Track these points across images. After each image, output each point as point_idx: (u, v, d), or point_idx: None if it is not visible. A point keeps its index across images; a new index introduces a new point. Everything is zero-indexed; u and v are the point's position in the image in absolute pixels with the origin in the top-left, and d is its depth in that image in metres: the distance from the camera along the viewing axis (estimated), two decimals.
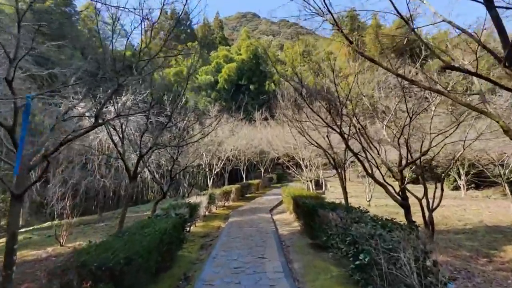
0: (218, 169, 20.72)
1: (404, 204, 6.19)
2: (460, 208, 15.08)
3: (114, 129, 7.99)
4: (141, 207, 22.65)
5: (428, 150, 6.25)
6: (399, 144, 6.52)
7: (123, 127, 7.85)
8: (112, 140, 7.49)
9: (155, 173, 13.60)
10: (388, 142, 7.85)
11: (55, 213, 18.58)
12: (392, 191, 6.23)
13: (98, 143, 13.79)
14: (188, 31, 55.00)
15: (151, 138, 13.79)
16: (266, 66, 46.32)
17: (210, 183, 20.29)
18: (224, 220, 14.12)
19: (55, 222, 12.47)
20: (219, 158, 20.98)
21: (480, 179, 22.45)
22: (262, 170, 33.08)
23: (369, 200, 16.95)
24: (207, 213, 15.13)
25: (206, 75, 39.08)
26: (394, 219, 5.59)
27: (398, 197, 6.21)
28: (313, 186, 19.09)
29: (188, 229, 10.48)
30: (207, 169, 19.96)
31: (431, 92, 7.26)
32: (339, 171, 9.69)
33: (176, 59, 38.80)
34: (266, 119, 23.07)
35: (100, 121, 5.54)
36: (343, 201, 9.98)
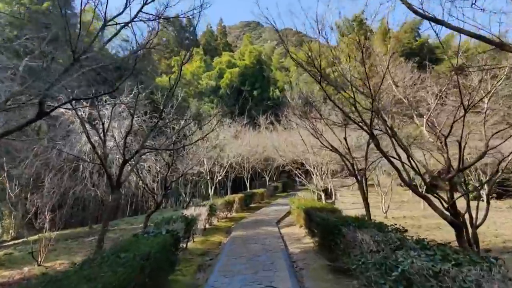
0: (220, 177, 19.36)
1: (455, 222, 4.79)
2: (490, 221, 13.50)
3: (94, 127, 6.74)
4: (139, 218, 21.28)
5: (485, 152, 4.88)
6: (446, 145, 5.17)
7: (106, 125, 6.61)
8: (90, 141, 6.24)
9: (147, 181, 12.35)
10: (431, 142, 6.46)
11: (45, 225, 17.38)
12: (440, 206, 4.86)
13: (90, 149, 12.58)
14: (191, 37, 54.64)
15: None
16: (270, 71, 45.40)
17: (211, 192, 18.90)
18: (226, 234, 12.70)
19: (35, 237, 11.16)
20: (221, 165, 19.65)
21: (503, 188, 20.77)
22: (267, 179, 31.65)
23: (386, 212, 15.41)
24: (207, 226, 13.74)
25: (209, 80, 38.14)
26: (449, 243, 4.20)
27: (447, 213, 4.83)
28: (324, 196, 17.62)
29: (184, 245, 9.12)
30: (208, 177, 18.63)
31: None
32: (359, 179, 8.31)
33: (178, 64, 38.07)
34: (272, 123, 21.77)
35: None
36: (358, 213, 8.62)
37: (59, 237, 12.33)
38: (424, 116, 6.56)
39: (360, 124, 5.69)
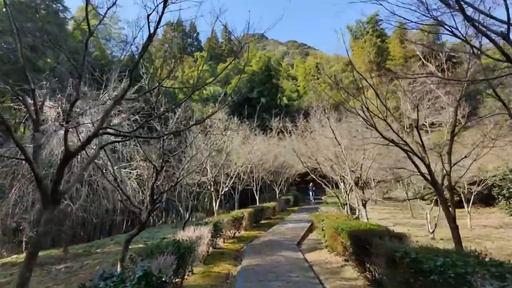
0: (227, 189, 16.50)
1: None
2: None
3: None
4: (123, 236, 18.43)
5: None
6: None
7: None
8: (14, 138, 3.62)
9: (134, 193, 9.68)
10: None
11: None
12: None
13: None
14: (195, 43, 53.09)
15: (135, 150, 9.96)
16: (279, 78, 43.14)
17: (216, 206, 15.98)
18: (234, 261, 9.79)
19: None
20: (227, 174, 16.85)
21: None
22: (277, 191, 28.66)
23: (433, 232, 12.35)
24: (210, 249, 10.87)
25: (215, 86, 35.88)
26: None
27: None
28: (349, 211, 14.61)
29: (177, 280, 6.30)
30: (212, 189, 15.79)
31: None
32: (441, 189, 5.51)
33: (183, 69, 36.03)
34: (285, 129, 19.03)
35: None
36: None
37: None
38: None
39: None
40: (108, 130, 4.25)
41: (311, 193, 34.25)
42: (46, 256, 11.72)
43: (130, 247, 13.29)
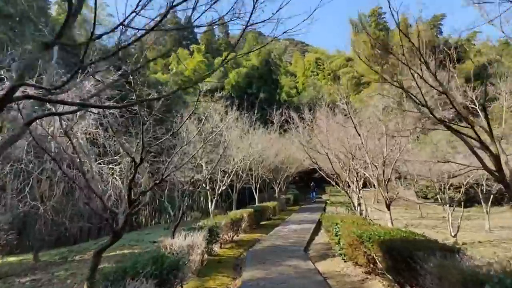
0: (224, 187, 14.94)
1: None
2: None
3: None
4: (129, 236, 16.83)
5: None
6: None
7: None
8: None
9: (110, 190, 8.16)
10: None
11: None
12: None
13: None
14: (191, 36, 51.13)
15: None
16: (279, 73, 41.56)
17: (211, 206, 14.41)
18: (234, 273, 8.32)
19: None
20: (224, 172, 15.30)
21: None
22: (277, 190, 27.19)
23: (455, 235, 10.97)
24: (206, 256, 9.40)
25: (212, 79, 34.19)
26: None
27: None
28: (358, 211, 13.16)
29: None
30: (207, 187, 14.22)
31: None
32: None
33: (178, 61, 34.32)
34: (291, 119, 17.51)
35: None
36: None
37: None
38: None
39: None
40: (33, 94, 2.66)
41: (313, 193, 32.74)
42: (16, 263, 10.15)
43: (112, 253, 11.71)
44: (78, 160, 5.75)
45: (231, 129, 15.50)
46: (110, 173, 9.97)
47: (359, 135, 8.69)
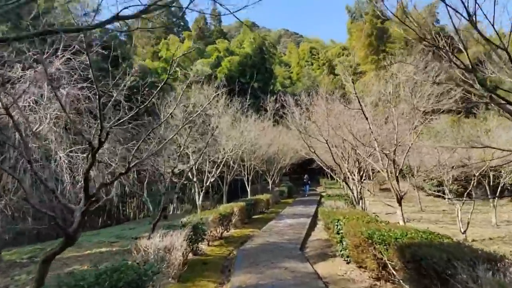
0: (213, 179, 13.79)
1: None
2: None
3: None
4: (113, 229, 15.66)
5: None
6: None
7: None
8: None
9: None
10: None
11: None
12: None
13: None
14: (182, 23, 49.04)
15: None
16: (273, 62, 40.12)
17: (199, 199, 13.27)
18: (221, 276, 7.27)
19: None
20: (214, 162, 14.13)
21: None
22: (270, 182, 26.26)
23: (465, 231, 10.13)
24: (190, 256, 8.37)
25: (203, 67, 32.58)
26: None
27: None
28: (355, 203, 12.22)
29: None
30: (195, 179, 13.06)
31: None
32: None
33: (168, 47, 32.61)
34: (286, 104, 16.30)
35: None
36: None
37: None
38: None
39: None
40: None
41: (307, 186, 31.86)
42: None
43: (87, 252, 10.51)
44: (22, 141, 4.53)
45: (220, 115, 14.25)
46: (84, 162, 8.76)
47: (366, 118, 7.59)
